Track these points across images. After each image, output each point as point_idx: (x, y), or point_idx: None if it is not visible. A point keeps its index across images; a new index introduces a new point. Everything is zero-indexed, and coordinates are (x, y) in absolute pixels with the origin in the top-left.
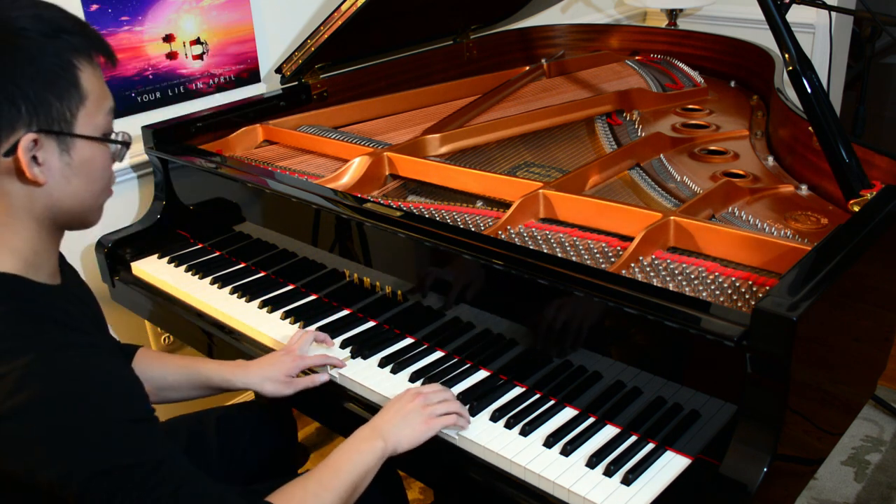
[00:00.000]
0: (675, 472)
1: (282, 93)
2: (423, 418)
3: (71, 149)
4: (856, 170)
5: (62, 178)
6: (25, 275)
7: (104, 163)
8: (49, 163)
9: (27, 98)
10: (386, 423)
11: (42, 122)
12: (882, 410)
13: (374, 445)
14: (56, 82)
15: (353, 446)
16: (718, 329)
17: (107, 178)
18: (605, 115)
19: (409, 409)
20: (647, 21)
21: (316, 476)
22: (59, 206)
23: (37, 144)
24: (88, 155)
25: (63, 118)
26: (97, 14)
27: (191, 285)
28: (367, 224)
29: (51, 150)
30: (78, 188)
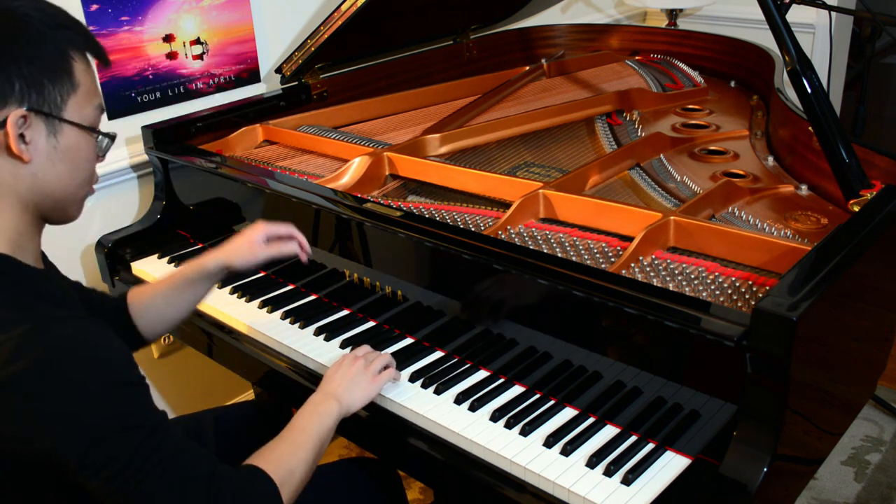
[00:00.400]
0: (675, 472)
1: (282, 93)
2: (368, 377)
3: (58, 133)
4: (856, 170)
5: (47, 160)
6: (12, 254)
7: (88, 154)
8: (36, 142)
9: (21, 76)
10: (337, 388)
11: (34, 101)
12: (882, 410)
13: (331, 407)
14: (51, 68)
15: (311, 410)
16: (718, 329)
17: (90, 170)
18: (605, 115)
19: (354, 371)
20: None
21: (286, 439)
22: (42, 189)
23: (26, 122)
24: (74, 142)
25: (54, 102)
26: (97, 14)
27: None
28: (367, 224)
29: (39, 130)
30: (61, 173)
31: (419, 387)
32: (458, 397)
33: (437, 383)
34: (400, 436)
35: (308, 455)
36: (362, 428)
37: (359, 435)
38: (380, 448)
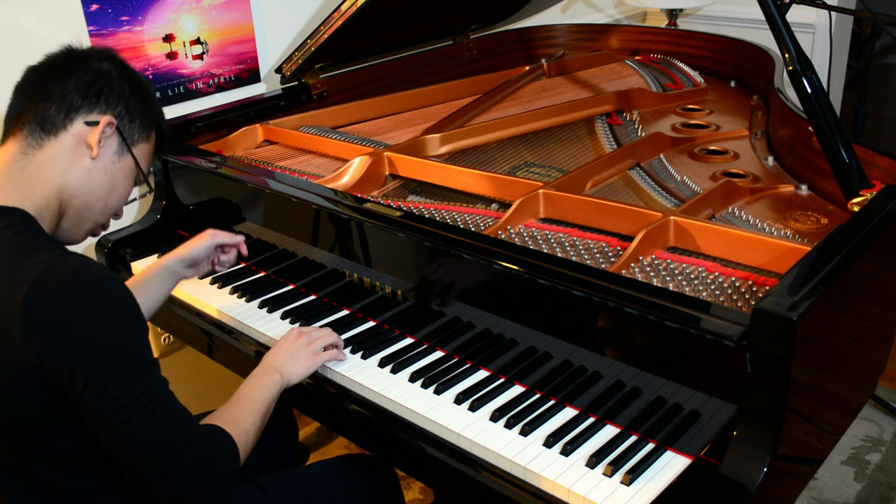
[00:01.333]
0: (675, 472)
1: (282, 93)
2: (309, 354)
3: (121, 156)
4: (856, 170)
5: (103, 167)
6: None
7: (126, 188)
8: (105, 149)
9: (128, 105)
10: (277, 360)
11: (123, 123)
12: (882, 410)
13: (273, 378)
14: (144, 116)
15: (256, 381)
16: (718, 329)
17: (119, 201)
18: (605, 115)
19: (296, 346)
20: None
21: (234, 405)
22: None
23: (110, 131)
24: (126, 171)
25: (132, 135)
26: (97, 14)
27: (191, 285)
28: (367, 224)
29: (112, 144)
30: (103, 184)
31: (419, 387)
32: (458, 397)
33: (437, 383)
34: (400, 436)
35: (257, 420)
36: (362, 428)
37: (359, 435)
38: (380, 448)
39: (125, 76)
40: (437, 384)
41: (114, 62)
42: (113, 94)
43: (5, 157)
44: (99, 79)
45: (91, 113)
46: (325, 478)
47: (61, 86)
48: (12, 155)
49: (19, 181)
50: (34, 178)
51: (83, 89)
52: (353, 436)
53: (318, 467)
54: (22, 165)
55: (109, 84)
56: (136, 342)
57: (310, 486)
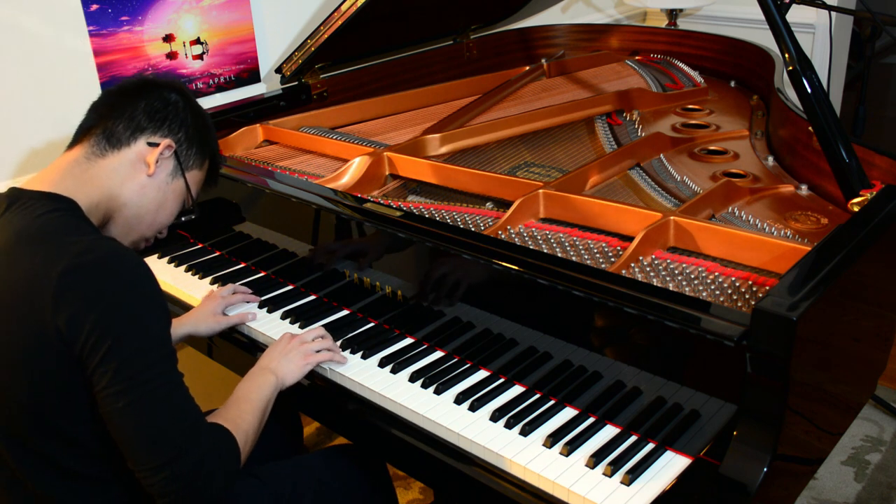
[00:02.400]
0: (675, 472)
1: (282, 93)
2: (302, 355)
3: (174, 178)
4: (856, 170)
5: (156, 185)
6: None
7: (174, 208)
8: (161, 169)
9: (188, 133)
10: (272, 362)
11: (181, 148)
12: (882, 410)
13: (268, 379)
14: (201, 145)
15: (251, 382)
16: (718, 329)
17: (165, 220)
18: (605, 115)
19: (289, 348)
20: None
21: (232, 406)
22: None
23: (168, 153)
24: (177, 193)
25: (188, 161)
26: (97, 14)
27: (191, 285)
28: (367, 224)
29: (167, 166)
30: (153, 201)
31: (419, 387)
32: (458, 397)
33: (437, 383)
34: (400, 436)
35: (255, 420)
36: (363, 428)
37: (359, 434)
38: (380, 447)
39: (190, 107)
40: (437, 384)
41: (182, 94)
42: (176, 121)
43: (69, 158)
44: (166, 106)
45: (154, 135)
46: (319, 468)
47: (132, 107)
48: (76, 157)
49: (77, 179)
50: (91, 181)
51: (151, 113)
52: (353, 436)
53: (311, 458)
54: (83, 168)
55: (175, 112)
56: (161, 329)
57: (304, 477)
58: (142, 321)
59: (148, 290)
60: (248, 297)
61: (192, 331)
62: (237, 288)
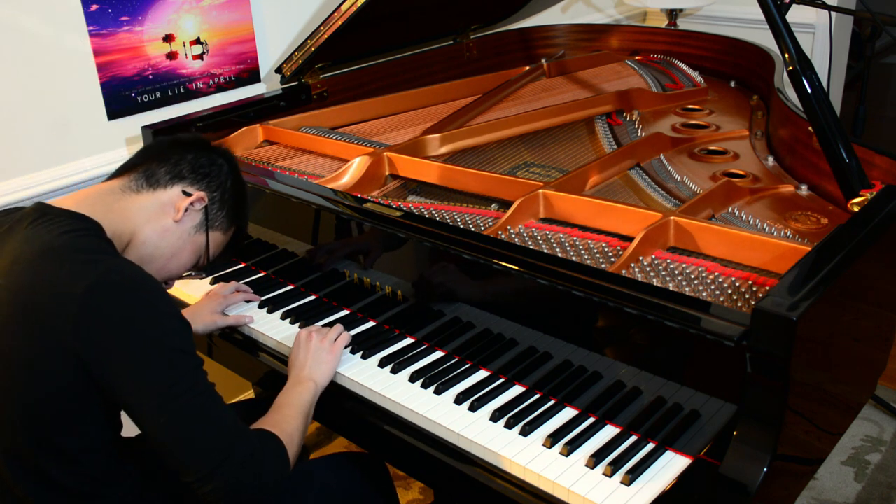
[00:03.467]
0: (675, 472)
1: (282, 93)
2: (327, 349)
3: (198, 232)
4: (856, 170)
5: (178, 233)
6: None
7: (188, 260)
8: (187, 219)
9: (223, 195)
10: (306, 370)
11: (212, 206)
12: (882, 410)
13: (307, 386)
14: (231, 213)
15: (292, 391)
16: (718, 329)
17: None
18: (605, 115)
19: (315, 348)
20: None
21: (275, 413)
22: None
23: (199, 206)
24: (196, 247)
25: (214, 221)
26: (97, 14)
27: (190, 286)
28: (367, 224)
29: (194, 218)
30: (171, 247)
31: (419, 387)
32: (458, 397)
33: (437, 383)
34: (400, 436)
35: (299, 424)
36: (362, 427)
37: (359, 434)
38: (380, 448)
39: (233, 175)
40: (437, 384)
41: (230, 162)
42: (216, 181)
43: (104, 187)
44: (212, 164)
45: (192, 186)
46: (320, 474)
47: (178, 156)
48: (111, 188)
49: (107, 207)
50: (120, 211)
51: (196, 166)
52: (353, 436)
53: (313, 464)
54: (115, 198)
55: (218, 173)
56: (187, 343)
57: (305, 483)
58: (170, 336)
59: (170, 306)
60: (248, 296)
61: None
62: (239, 286)
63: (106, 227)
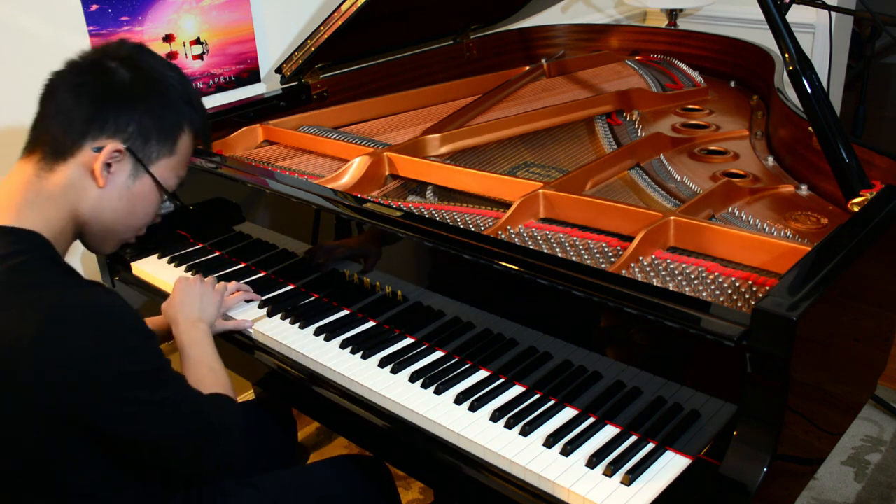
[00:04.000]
0: (675, 472)
1: (282, 93)
2: (211, 291)
3: (138, 178)
4: (856, 170)
5: (117, 194)
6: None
7: (149, 207)
8: (116, 175)
9: (139, 123)
10: (193, 313)
11: (135, 145)
12: (882, 410)
13: (201, 328)
14: (164, 130)
15: (192, 342)
16: (718, 329)
17: (144, 221)
18: (605, 115)
19: (198, 291)
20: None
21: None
22: (97, 214)
23: (119, 156)
24: (145, 192)
25: (149, 155)
26: (97, 14)
27: None
28: (367, 224)
29: (124, 168)
30: (120, 210)
31: (419, 387)
32: (458, 397)
33: (437, 383)
34: (400, 436)
35: (222, 366)
36: (362, 428)
37: (359, 435)
38: (380, 448)
39: (143, 83)
40: (437, 384)
41: (132, 67)
42: (122, 116)
43: (23, 176)
44: (107, 94)
45: (99, 138)
46: (322, 477)
47: (71, 102)
48: (29, 177)
49: (36, 205)
50: (48, 203)
51: (89, 113)
52: (353, 436)
53: (315, 467)
54: (38, 189)
55: (119, 104)
56: (151, 359)
57: (306, 486)
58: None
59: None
60: (249, 295)
61: None
62: (240, 286)
63: (47, 232)
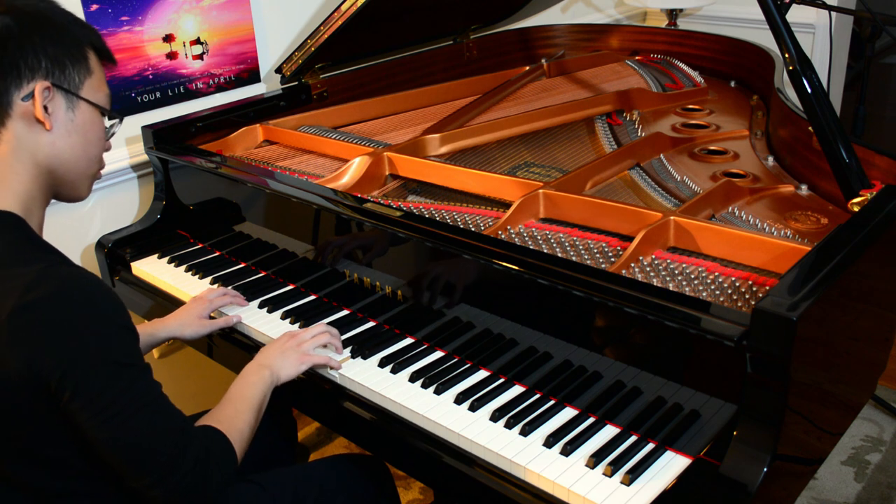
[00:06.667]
0: (675, 472)
1: (282, 93)
2: (299, 354)
3: (75, 108)
4: (856, 170)
5: (65, 130)
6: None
7: (99, 132)
8: (56, 113)
9: (47, 55)
10: (268, 359)
11: (57, 77)
12: (882, 410)
13: (262, 374)
14: (72, 52)
15: (246, 380)
16: (718, 329)
17: (100, 147)
18: (605, 115)
19: (287, 347)
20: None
21: (227, 405)
22: (57, 157)
23: (49, 94)
24: (88, 118)
25: (73, 81)
26: (97, 14)
27: (191, 285)
28: (367, 224)
29: (59, 103)
30: (75, 145)
31: (419, 387)
32: (458, 397)
33: (437, 383)
34: (400, 436)
35: (250, 418)
36: (362, 427)
37: (359, 434)
38: (380, 448)
39: (28, 24)
40: (437, 384)
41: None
42: (28, 55)
43: None
44: (6, 46)
45: (21, 88)
46: (321, 476)
47: None
48: None
49: None
50: (7, 175)
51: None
52: (353, 436)
53: (315, 465)
54: None
55: (19, 46)
56: (125, 352)
57: (306, 484)
58: (105, 352)
59: (106, 317)
60: (236, 300)
61: (176, 333)
62: (228, 291)
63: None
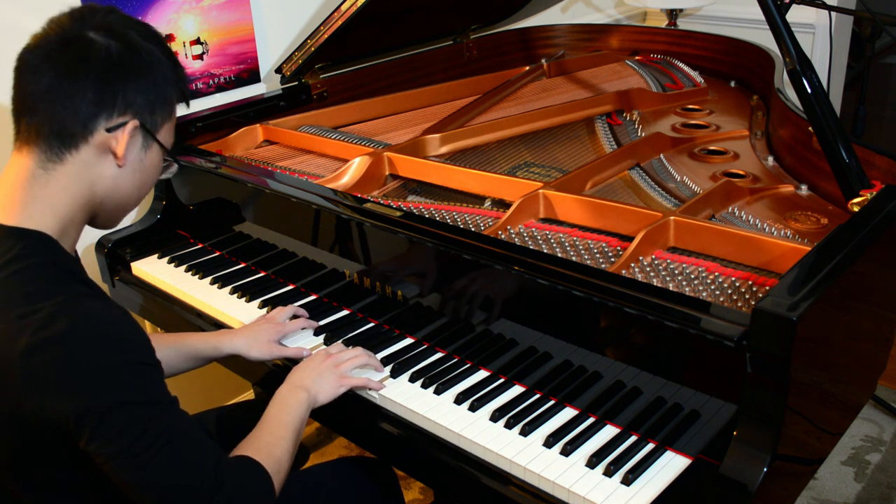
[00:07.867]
0: (675, 472)
1: (282, 93)
2: (337, 376)
3: (148, 149)
4: (856, 170)
5: (132, 169)
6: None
7: (156, 174)
8: (130, 151)
9: (144, 94)
10: (305, 380)
11: (145, 118)
12: (882, 410)
13: (300, 397)
14: (164, 95)
15: (283, 402)
16: (718, 329)
17: (149, 188)
18: (605, 115)
19: (323, 367)
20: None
21: (264, 431)
22: (113, 193)
23: (136, 133)
24: (155, 160)
25: (155, 124)
26: None
27: (191, 285)
28: (367, 224)
29: (136, 142)
30: (134, 183)
31: (419, 387)
32: (458, 397)
33: (437, 383)
34: (400, 436)
35: (288, 444)
36: (362, 428)
37: (359, 435)
38: (380, 448)
39: (131, 55)
40: (437, 384)
41: (113, 36)
42: (129, 90)
43: (23, 171)
44: (108, 72)
45: (111, 118)
46: (325, 480)
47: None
48: (31, 170)
49: (42, 200)
50: (58, 194)
51: (95, 94)
52: (353, 436)
53: (318, 469)
54: (43, 183)
55: (120, 78)
56: (144, 390)
57: (309, 489)
58: (121, 388)
59: (123, 356)
60: (307, 322)
61: (242, 352)
62: (297, 311)
63: (51, 227)
